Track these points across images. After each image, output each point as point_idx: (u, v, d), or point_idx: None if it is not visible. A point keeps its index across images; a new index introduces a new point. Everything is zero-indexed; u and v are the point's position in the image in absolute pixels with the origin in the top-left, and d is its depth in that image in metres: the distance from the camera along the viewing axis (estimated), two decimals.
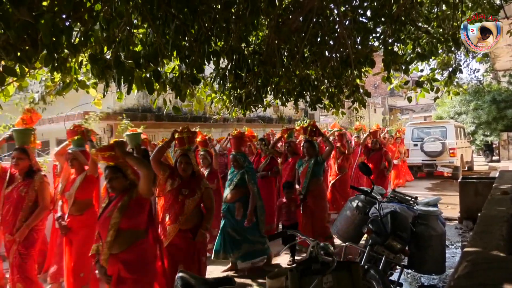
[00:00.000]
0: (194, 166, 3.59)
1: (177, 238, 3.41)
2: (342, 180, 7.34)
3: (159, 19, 2.69)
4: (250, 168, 4.80)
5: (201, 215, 3.54)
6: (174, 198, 3.45)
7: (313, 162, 5.07)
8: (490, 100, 16.34)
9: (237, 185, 4.63)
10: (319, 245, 2.19)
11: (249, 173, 4.68)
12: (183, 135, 3.69)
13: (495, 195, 4.64)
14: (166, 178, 3.52)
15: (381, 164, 7.52)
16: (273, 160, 6.10)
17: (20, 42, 2.05)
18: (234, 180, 4.66)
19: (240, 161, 4.72)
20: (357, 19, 3.90)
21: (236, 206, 4.57)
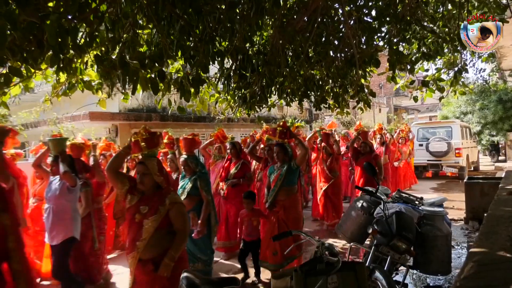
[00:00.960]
0: (155, 177, 2.83)
1: (137, 271, 2.74)
2: (335, 185, 6.75)
3: (164, 19, 2.70)
4: (203, 174, 4.34)
5: (170, 239, 2.77)
6: (131, 219, 2.78)
7: (286, 168, 4.34)
8: (496, 99, 16.20)
9: (189, 193, 4.18)
10: (324, 245, 2.19)
11: (202, 179, 4.23)
12: (138, 137, 2.95)
13: (502, 195, 4.61)
14: (126, 193, 2.84)
15: None
16: (244, 165, 5.53)
17: (26, 43, 2.07)
18: (186, 187, 4.21)
19: (191, 165, 4.27)
20: (362, 18, 3.88)
21: (190, 216, 4.10)
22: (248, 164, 5.66)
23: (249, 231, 4.38)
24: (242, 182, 5.41)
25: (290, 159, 4.45)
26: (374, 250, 3.08)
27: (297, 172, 4.48)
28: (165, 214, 2.76)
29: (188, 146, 4.51)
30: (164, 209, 2.75)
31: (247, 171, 5.54)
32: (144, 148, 2.92)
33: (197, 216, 4.15)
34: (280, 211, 4.30)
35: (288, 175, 4.33)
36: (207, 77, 4.06)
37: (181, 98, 3.29)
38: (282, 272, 3.18)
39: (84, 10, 2.19)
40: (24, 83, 3.14)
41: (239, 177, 5.41)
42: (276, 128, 4.85)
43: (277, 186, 4.32)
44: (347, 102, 5.01)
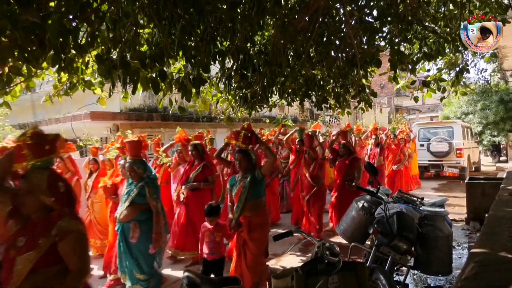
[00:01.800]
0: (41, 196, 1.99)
1: None
2: (318, 193, 6.00)
3: (165, 19, 2.71)
4: (152, 180, 3.95)
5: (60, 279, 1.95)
6: (5, 254, 2.01)
7: (250, 179, 3.74)
8: (497, 100, 16.18)
9: (134, 201, 3.81)
10: (325, 245, 2.19)
11: (151, 186, 3.85)
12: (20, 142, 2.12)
13: (503, 195, 4.60)
14: (7, 216, 2.07)
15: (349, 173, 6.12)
16: (206, 168, 5.07)
17: (27, 43, 2.07)
18: (131, 194, 3.84)
19: (138, 170, 3.88)
20: (364, 18, 3.88)
21: (131, 226, 3.80)
22: (211, 167, 5.20)
23: (211, 248, 3.82)
24: (203, 186, 5.00)
25: (254, 168, 3.87)
26: (375, 250, 3.08)
27: (263, 182, 3.90)
28: (47, 249, 1.93)
29: (133, 150, 4.10)
30: (48, 242, 1.93)
31: (209, 174, 5.10)
32: (29, 158, 2.09)
33: (140, 226, 3.81)
34: (244, 229, 3.76)
35: (253, 186, 3.74)
36: (208, 77, 4.06)
37: (182, 98, 3.29)
38: (283, 271, 3.16)
39: (85, 9, 2.20)
40: (26, 83, 3.14)
41: (200, 181, 5.00)
42: (239, 131, 4.19)
43: (241, 201, 3.73)
44: (348, 102, 5.01)
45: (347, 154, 6.20)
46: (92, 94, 3.90)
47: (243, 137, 4.15)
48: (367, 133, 9.79)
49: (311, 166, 6.00)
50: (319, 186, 5.99)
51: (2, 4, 1.82)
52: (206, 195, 5.04)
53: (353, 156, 6.22)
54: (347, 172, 6.07)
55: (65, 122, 9.74)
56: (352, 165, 6.10)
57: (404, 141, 10.02)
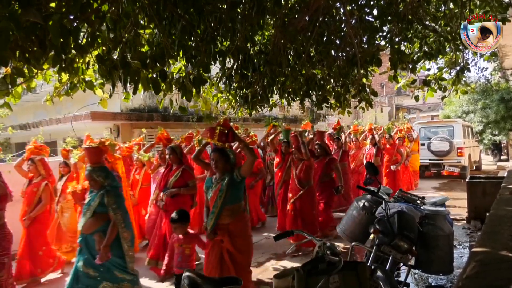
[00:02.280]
0: None
1: None
2: (306, 196, 5.46)
3: (166, 19, 2.71)
4: (114, 188, 3.66)
5: None
6: None
7: (227, 181, 3.43)
8: (498, 99, 16.16)
9: (96, 211, 3.53)
10: (326, 245, 2.19)
11: (111, 195, 3.55)
12: None
13: (504, 194, 4.60)
14: None
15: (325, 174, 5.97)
16: (186, 172, 4.75)
17: (28, 43, 2.08)
18: (92, 204, 3.55)
19: (98, 178, 3.58)
20: (364, 18, 3.88)
21: (96, 238, 3.50)
22: (191, 171, 4.85)
23: (180, 262, 3.50)
24: (183, 192, 4.68)
25: (233, 169, 3.55)
26: (376, 249, 3.07)
27: (242, 184, 3.57)
28: None
29: (93, 156, 3.87)
30: None
31: (189, 178, 4.76)
32: None
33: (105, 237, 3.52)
34: (225, 238, 3.45)
35: (230, 189, 3.44)
36: (209, 77, 4.06)
37: (183, 98, 3.29)
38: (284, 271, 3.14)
39: (86, 10, 2.20)
40: (27, 83, 3.15)
41: (179, 186, 4.67)
42: (214, 128, 3.85)
43: (217, 206, 3.43)
44: (349, 102, 5.01)
45: (324, 155, 6.08)
46: (92, 94, 3.90)
47: (218, 134, 3.77)
48: (366, 133, 9.65)
49: (298, 167, 5.59)
50: (306, 189, 5.46)
51: (3, 5, 1.83)
52: (187, 201, 4.75)
53: (330, 157, 6.11)
54: (324, 174, 6.00)
55: (65, 122, 9.73)
56: (329, 167, 6.01)
57: (402, 140, 9.69)
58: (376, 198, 3.56)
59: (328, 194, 6.03)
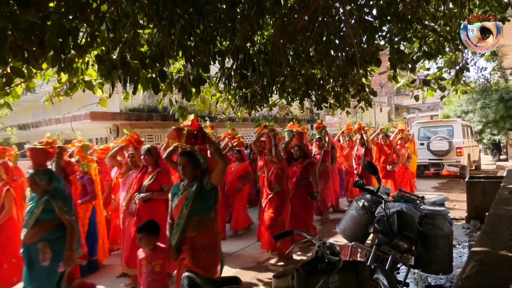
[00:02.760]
0: None
1: None
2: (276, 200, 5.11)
3: (165, 19, 2.70)
4: (59, 191, 3.32)
5: None
6: None
7: (195, 188, 3.06)
8: (497, 98, 16.18)
9: (40, 218, 3.20)
10: (325, 245, 2.19)
11: (58, 198, 3.23)
12: None
13: (503, 194, 4.61)
14: None
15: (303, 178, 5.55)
16: (161, 175, 4.42)
17: (27, 43, 2.07)
18: (35, 212, 3.21)
19: (41, 182, 3.26)
20: (363, 17, 3.88)
21: (40, 247, 3.17)
22: (167, 174, 4.52)
23: (150, 282, 3.15)
24: (156, 196, 4.30)
25: (204, 175, 3.15)
26: (375, 249, 3.08)
27: (213, 193, 3.15)
28: None
29: (37, 158, 3.58)
30: None
31: (164, 182, 4.40)
32: None
33: (52, 246, 3.20)
34: (186, 254, 3.06)
35: (198, 198, 3.04)
36: (208, 76, 4.05)
37: (183, 98, 3.29)
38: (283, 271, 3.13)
39: (85, 10, 2.19)
40: (26, 83, 3.14)
41: (154, 190, 4.33)
42: (181, 128, 3.49)
43: (183, 217, 3.03)
44: (348, 102, 5.00)
45: (302, 157, 5.66)
46: (92, 94, 3.90)
47: (186, 136, 3.43)
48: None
49: (270, 170, 5.25)
50: (276, 193, 5.13)
51: (1, 4, 1.82)
52: (160, 207, 4.31)
53: (309, 160, 5.67)
54: (301, 177, 5.56)
55: (65, 122, 9.73)
56: (307, 170, 5.57)
57: (404, 141, 9.19)
58: (376, 197, 3.56)
59: (307, 199, 5.50)
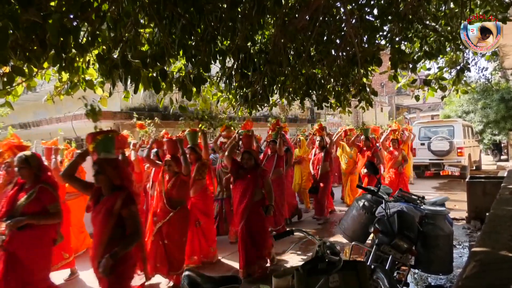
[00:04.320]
0: None
1: None
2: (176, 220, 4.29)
3: (166, 18, 2.70)
4: None
5: None
6: None
7: None
8: (498, 98, 16.16)
9: None
10: (326, 244, 2.19)
11: None
12: None
13: (504, 194, 4.60)
14: None
15: (257, 192, 4.53)
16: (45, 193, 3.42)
17: (28, 42, 2.08)
18: None
19: None
20: (364, 17, 3.88)
21: None
22: (53, 190, 3.33)
23: None
24: (37, 221, 3.16)
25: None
26: (376, 249, 3.08)
27: None
28: None
29: None
30: None
31: (50, 202, 3.26)
32: None
33: None
34: None
35: None
36: (209, 76, 4.05)
37: (183, 97, 3.29)
38: (283, 270, 3.13)
39: (86, 9, 2.20)
40: (27, 82, 3.15)
41: (33, 213, 3.16)
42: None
43: None
44: (349, 101, 5.00)
45: (254, 166, 4.56)
46: (93, 93, 3.90)
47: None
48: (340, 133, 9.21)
49: (170, 181, 4.32)
50: (178, 210, 4.26)
51: (3, 4, 1.83)
52: (45, 236, 3.26)
53: (260, 169, 4.62)
54: (256, 190, 4.49)
55: (65, 121, 9.74)
56: (260, 181, 4.51)
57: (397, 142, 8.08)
58: (376, 197, 3.56)
59: (262, 214, 4.48)
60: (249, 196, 4.45)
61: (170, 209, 4.27)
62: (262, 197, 4.56)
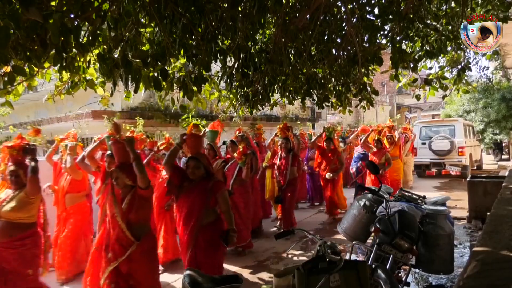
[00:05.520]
0: None
1: None
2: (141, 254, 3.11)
3: (166, 18, 2.70)
4: None
5: None
6: None
7: None
8: (499, 98, 16.12)
9: None
10: (327, 244, 2.19)
11: None
12: None
13: (505, 194, 4.59)
14: None
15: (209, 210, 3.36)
16: None
17: (29, 42, 2.08)
18: None
19: None
20: (365, 16, 3.88)
21: None
22: None
23: None
24: None
25: None
26: (376, 249, 3.08)
27: None
28: None
29: None
30: None
31: None
32: None
33: None
34: None
35: None
36: (209, 75, 4.05)
37: (184, 96, 3.29)
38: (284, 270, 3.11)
39: (87, 9, 2.20)
40: (28, 82, 3.15)
41: None
42: None
43: None
44: (350, 101, 5.00)
45: (205, 176, 3.45)
46: (93, 93, 3.91)
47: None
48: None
49: (124, 200, 3.14)
50: (142, 242, 3.11)
51: (3, 3, 1.83)
52: None
53: (214, 180, 3.44)
54: (206, 209, 3.33)
55: (66, 121, 9.76)
56: (213, 196, 3.36)
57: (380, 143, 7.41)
58: (377, 197, 3.56)
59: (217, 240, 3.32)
60: (196, 219, 3.27)
61: (130, 240, 3.08)
62: (216, 219, 3.41)
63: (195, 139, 3.73)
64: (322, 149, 7.35)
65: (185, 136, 3.59)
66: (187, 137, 3.63)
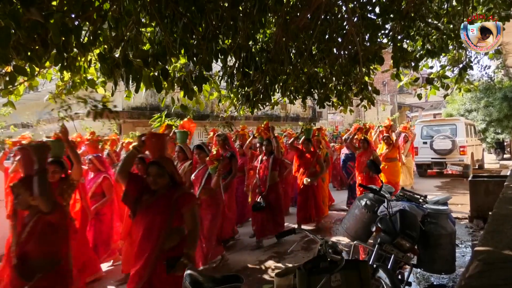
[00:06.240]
0: None
1: None
2: None
3: (167, 17, 2.70)
4: None
5: None
6: None
7: None
8: (501, 97, 16.09)
9: None
10: (328, 244, 2.18)
11: None
12: None
13: (507, 193, 4.57)
14: None
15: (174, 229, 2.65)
16: None
17: (30, 42, 2.08)
18: None
19: None
20: (366, 15, 3.87)
21: None
22: None
23: None
24: None
25: None
26: (378, 248, 3.07)
27: None
28: None
29: None
30: None
31: None
32: None
33: None
34: None
35: None
36: (210, 75, 4.05)
37: (184, 96, 3.29)
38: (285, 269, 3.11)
39: (88, 8, 2.20)
40: (29, 82, 3.15)
41: None
42: None
43: None
44: (351, 100, 4.99)
45: (168, 187, 2.72)
46: (94, 93, 3.90)
47: None
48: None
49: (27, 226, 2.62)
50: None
51: (4, 4, 1.83)
52: None
53: (180, 191, 2.73)
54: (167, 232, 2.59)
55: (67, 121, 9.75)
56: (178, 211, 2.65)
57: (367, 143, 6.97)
58: (378, 196, 3.55)
59: None
60: (156, 241, 2.56)
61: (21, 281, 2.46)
62: (181, 241, 2.66)
63: (157, 140, 2.94)
64: (300, 151, 6.63)
65: (144, 137, 2.82)
66: (146, 138, 2.83)
